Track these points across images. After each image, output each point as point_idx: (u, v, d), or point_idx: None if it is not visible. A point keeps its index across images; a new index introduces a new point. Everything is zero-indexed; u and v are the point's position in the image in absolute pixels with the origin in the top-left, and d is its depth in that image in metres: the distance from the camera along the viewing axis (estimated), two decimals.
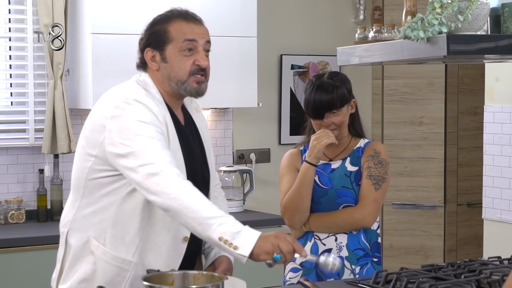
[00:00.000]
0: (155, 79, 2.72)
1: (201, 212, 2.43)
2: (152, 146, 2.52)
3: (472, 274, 2.88)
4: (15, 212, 4.55)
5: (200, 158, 2.81)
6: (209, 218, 2.42)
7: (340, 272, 3.18)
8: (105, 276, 2.65)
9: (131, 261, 2.64)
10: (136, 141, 2.53)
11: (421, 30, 2.69)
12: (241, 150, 5.38)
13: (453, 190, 5.77)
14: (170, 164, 2.50)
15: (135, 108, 2.59)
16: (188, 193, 2.46)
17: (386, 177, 3.21)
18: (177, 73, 2.68)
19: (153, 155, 2.50)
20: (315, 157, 3.15)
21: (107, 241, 2.66)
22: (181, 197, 2.44)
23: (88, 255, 2.69)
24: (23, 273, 4.12)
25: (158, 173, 2.47)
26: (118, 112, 2.59)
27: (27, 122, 4.68)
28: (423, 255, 5.70)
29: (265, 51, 5.36)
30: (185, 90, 2.70)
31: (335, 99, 3.17)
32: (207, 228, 2.42)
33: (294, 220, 3.22)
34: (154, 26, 2.73)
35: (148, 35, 2.72)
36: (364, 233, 3.21)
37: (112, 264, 2.65)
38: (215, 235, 2.41)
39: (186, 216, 2.44)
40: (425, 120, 5.73)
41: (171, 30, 2.68)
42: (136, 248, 2.64)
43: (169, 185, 2.46)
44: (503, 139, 4.56)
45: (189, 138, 2.77)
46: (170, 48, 2.68)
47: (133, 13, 4.60)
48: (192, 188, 2.48)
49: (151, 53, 2.71)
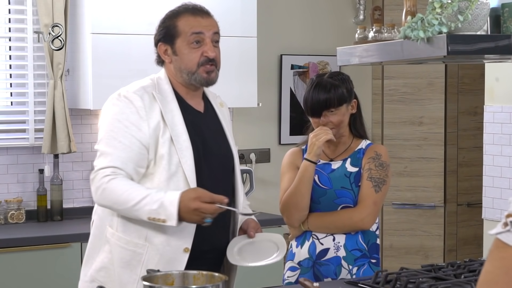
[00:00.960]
0: (169, 72, 2.89)
1: (128, 203, 2.67)
2: (114, 150, 2.74)
3: (472, 274, 2.88)
4: (15, 212, 4.55)
5: (220, 142, 2.95)
6: (134, 205, 2.66)
7: (337, 272, 3.18)
8: (121, 261, 2.77)
9: (144, 244, 2.76)
10: (105, 141, 2.77)
11: (421, 30, 2.69)
12: (241, 150, 5.38)
13: (453, 190, 5.77)
14: (120, 169, 2.72)
15: (121, 104, 2.79)
16: (117, 189, 2.69)
17: (387, 179, 3.21)
18: (187, 65, 2.84)
19: (110, 161, 2.73)
20: (314, 154, 3.16)
21: (119, 228, 2.79)
22: (110, 194, 2.70)
23: (104, 244, 2.83)
24: (23, 273, 4.12)
25: (105, 178, 2.71)
26: (107, 107, 2.85)
27: (27, 122, 4.68)
28: (423, 255, 5.70)
29: (265, 51, 5.37)
30: (195, 80, 2.85)
31: (333, 97, 3.18)
32: (137, 214, 2.68)
33: (293, 218, 3.23)
34: (164, 22, 2.90)
35: (160, 31, 2.90)
36: (362, 234, 3.21)
37: (127, 249, 2.77)
38: (144, 217, 2.67)
39: (120, 209, 2.72)
40: (425, 120, 5.74)
41: (179, 25, 2.85)
42: (147, 231, 2.76)
43: (110, 189, 2.71)
44: (503, 139, 4.56)
45: (208, 123, 2.94)
46: (179, 41, 2.84)
47: (133, 13, 4.61)
48: (122, 183, 2.70)
49: (164, 47, 2.88)
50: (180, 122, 2.81)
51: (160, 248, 2.75)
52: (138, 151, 2.74)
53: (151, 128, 2.76)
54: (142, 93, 2.80)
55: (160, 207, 2.64)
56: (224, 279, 2.40)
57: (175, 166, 2.76)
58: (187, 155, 2.78)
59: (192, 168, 2.77)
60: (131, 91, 2.81)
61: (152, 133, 2.76)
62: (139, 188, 2.71)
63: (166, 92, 2.85)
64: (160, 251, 2.75)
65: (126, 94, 2.80)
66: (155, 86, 2.85)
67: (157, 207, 2.64)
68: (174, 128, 2.78)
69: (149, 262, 2.75)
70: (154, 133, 2.76)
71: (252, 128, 5.44)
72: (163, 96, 2.83)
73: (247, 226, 2.95)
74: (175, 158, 2.76)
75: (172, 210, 2.63)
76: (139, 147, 2.74)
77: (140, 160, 2.75)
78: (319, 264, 3.21)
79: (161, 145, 2.76)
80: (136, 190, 2.69)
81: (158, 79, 2.89)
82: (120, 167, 2.71)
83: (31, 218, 4.65)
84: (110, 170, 2.71)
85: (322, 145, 3.15)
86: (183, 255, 2.76)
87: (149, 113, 2.77)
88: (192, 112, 2.89)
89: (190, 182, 2.76)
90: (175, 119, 2.80)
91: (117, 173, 2.71)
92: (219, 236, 2.89)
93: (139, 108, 2.77)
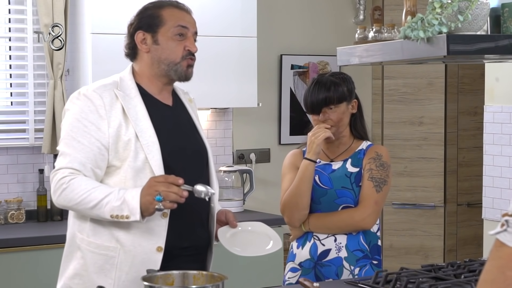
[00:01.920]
0: (141, 64, 2.84)
1: (89, 202, 2.62)
2: (73, 151, 2.68)
3: (472, 274, 2.88)
4: (15, 212, 4.55)
5: (191, 137, 2.90)
6: (96, 204, 2.61)
7: (339, 272, 3.18)
8: (94, 266, 2.71)
9: (116, 247, 2.70)
10: (64, 141, 2.72)
11: (421, 30, 2.69)
12: (241, 150, 5.38)
13: (453, 190, 5.77)
14: (78, 170, 2.67)
15: (80, 103, 2.74)
16: (78, 189, 2.63)
17: (388, 180, 3.21)
18: (169, 55, 2.80)
19: (69, 161, 2.68)
20: (314, 153, 3.16)
21: (90, 232, 2.74)
22: (70, 194, 2.64)
23: (75, 251, 2.77)
24: (23, 273, 4.12)
25: (64, 179, 2.65)
26: (67, 106, 2.80)
27: (27, 122, 4.68)
28: (423, 255, 5.70)
29: (265, 51, 5.37)
30: (175, 72, 2.81)
31: (332, 94, 3.19)
32: (99, 213, 2.63)
33: (293, 217, 3.22)
34: (146, 11, 2.86)
35: (140, 19, 2.85)
36: (363, 235, 3.21)
37: (98, 254, 2.71)
38: (107, 215, 2.62)
39: (80, 210, 2.66)
40: (425, 120, 5.74)
41: (164, 15, 2.81)
42: (118, 234, 2.70)
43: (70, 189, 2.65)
44: (503, 139, 4.55)
45: (178, 117, 2.88)
46: (163, 31, 2.80)
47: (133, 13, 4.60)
48: (82, 182, 2.64)
49: (142, 36, 2.83)
50: (145, 117, 2.74)
51: (132, 250, 2.69)
52: (97, 151, 2.68)
53: (112, 127, 2.70)
54: (102, 91, 2.75)
55: (122, 203, 2.59)
56: (224, 279, 2.40)
57: (142, 163, 2.70)
58: (154, 150, 2.71)
59: (159, 164, 2.70)
60: (91, 89, 2.76)
61: (113, 132, 2.70)
62: (100, 186, 2.65)
63: (128, 89, 2.79)
64: (132, 252, 2.69)
65: (86, 92, 2.75)
66: (117, 84, 2.80)
67: (120, 203, 2.59)
68: (139, 124, 2.72)
69: (122, 264, 2.69)
70: (116, 131, 2.70)
71: (252, 128, 5.44)
72: (125, 93, 2.77)
73: (225, 217, 2.88)
74: (141, 154, 2.70)
75: (134, 204, 2.58)
76: (98, 147, 2.68)
77: (99, 160, 2.69)
78: (321, 265, 3.20)
79: (125, 142, 2.70)
80: (97, 189, 2.63)
81: (121, 76, 2.84)
82: (78, 168, 2.65)
83: (31, 218, 4.65)
84: (68, 171, 2.65)
85: (321, 143, 3.15)
86: (157, 255, 2.69)
87: (109, 111, 2.71)
88: (160, 107, 2.83)
89: None
90: (139, 115, 2.74)
91: (75, 174, 2.65)
92: (198, 233, 2.83)
93: (99, 106, 2.71)
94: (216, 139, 5.26)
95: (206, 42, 4.74)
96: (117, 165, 2.71)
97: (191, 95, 3.04)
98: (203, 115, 5.19)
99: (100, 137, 2.69)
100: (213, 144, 5.24)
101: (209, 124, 5.24)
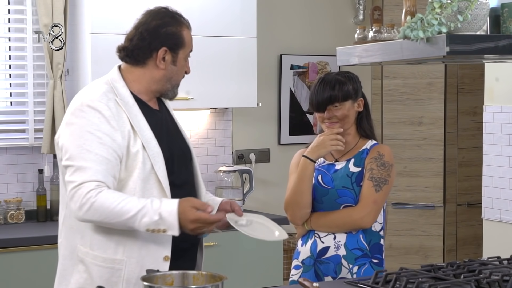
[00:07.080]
0: (147, 75, 2.78)
1: (123, 215, 2.58)
2: (93, 164, 2.60)
3: (471, 274, 2.88)
4: (15, 212, 4.55)
5: (178, 139, 2.90)
6: (131, 217, 2.58)
7: (337, 270, 3.19)
8: (101, 279, 2.68)
9: (122, 259, 2.68)
10: (79, 156, 2.61)
11: (420, 30, 2.69)
12: (240, 150, 5.38)
13: (452, 190, 5.77)
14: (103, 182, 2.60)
15: (88, 116, 2.65)
16: (108, 202, 2.58)
17: (389, 179, 3.21)
18: (178, 77, 2.83)
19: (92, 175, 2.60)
20: (318, 155, 3.19)
21: (94, 246, 2.69)
22: (100, 208, 2.58)
23: (77, 264, 2.72)
24: (22, 273, 4.12)
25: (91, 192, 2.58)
26: (70, 120, 2.69)
27: (27, 122, 4.68)
28: (423, 255, 5.70)
29: (264, 51, 5.36)
30: (173, 92, 2.85)
31: (337, 93, 3.21)
32: (133, 226, 2.60)
33: (295, 216, 3.25)
34: (168, 27, 2.78)
35: (165, 35, 2.77)
36: (363, 234, 3.22)
37: (105, 267, 2.69)
38: (143, 228, 2.61)
39: (112, 223, 2.61)
40: (425, 120, 5.74)
41: (185, 36, 2.80)
42: (124, 246, 2.68)
43: (99, 203, 2.58)
44: (503, 139, 4.56)
45: (165, 121, 2.87)
46: (181, 53, 2.80)
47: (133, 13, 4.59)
48: (111, 195, 2.59)
49: (164, 53, 2.77)
50: (146, 127, 2.73)
51: (139, 260, 2.69)
52: (115, 163, 2.64)
53: (125, 138, 2.67)
54: (106, 100, 2.69)
55: (160, 220, 2.59)
56: (223, 279, 2.40)
57: (148, 172, 2.69)
58: (159, 160, 2.71)
59: (164, 173, 2.72)
60: (94, 99, 2.68)
61: (126, 143, 2.67)
62: (132, 199, 2.61)
63: (126, 97, 2.74)
64: (140, 263, 2.68)
65: (91, 103, 2.67)
66: (114, 91, 2.74)
67: (157, 218, 2.59)
68: (143, 134, 2.71)
69: (130, 276, 2.68)
70: (127, 142, 2.68)
71: (251, 128, 5.43)
72: (125, 101, 2.73)
73: (231, 207, 2.87)
74: (148, 165, 2.69)
75: (172, 221, 2.59)
76: (115, 158, 2.64)
77: (116, 172, 2.66)
78: (320, 262, 3.22)
79: (133, 154, 2.68)
80: (129, 201, 2.60)
81: (113, 81, 2.77)
82: (102, 180, 2.60)
83: (31, 218, 4.65)
84: (94, 184, 2.58)
85: (329, 150, 3.18)
86: (164, 264, 2.70)
87: (119, 122, 2.68)
88: (152, 113, 2.81)
89: (164, 186, 2.71)
90: (141, 125, 2.72)
91: (101, 187, 2.60)
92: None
93: (109, 117, 2.66)
94: (216, 139, 5.26)
95: (205, 42, 4.74)
96: (122, 176, 2.68)
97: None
98: (203, 115, 5.19)
99: (116, 149, 2.65)
100: (213, 144, 5.24)
101: (208, 124, 5.24)
